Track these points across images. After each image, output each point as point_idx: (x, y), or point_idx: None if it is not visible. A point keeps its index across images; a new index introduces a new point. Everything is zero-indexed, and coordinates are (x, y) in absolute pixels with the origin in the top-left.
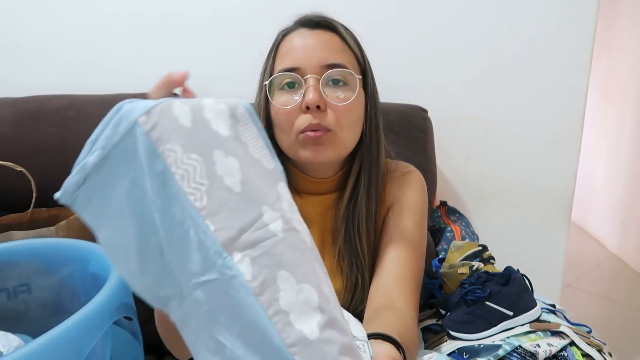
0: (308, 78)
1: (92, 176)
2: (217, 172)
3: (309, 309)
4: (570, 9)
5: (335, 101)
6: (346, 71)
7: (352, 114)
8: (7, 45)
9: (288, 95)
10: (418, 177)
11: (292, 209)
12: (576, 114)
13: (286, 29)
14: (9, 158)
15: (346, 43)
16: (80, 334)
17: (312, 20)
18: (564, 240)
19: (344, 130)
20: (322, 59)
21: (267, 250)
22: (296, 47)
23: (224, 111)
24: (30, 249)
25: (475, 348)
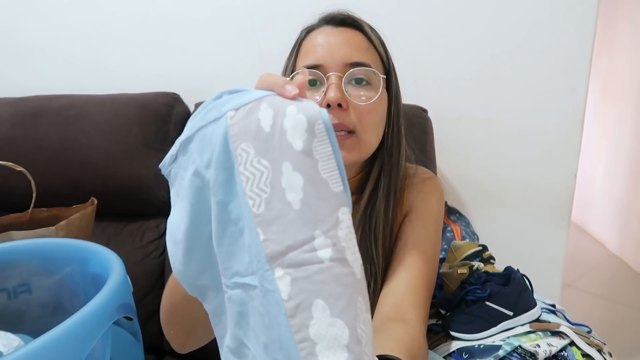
0: (330, 76)
1: (179, 155)
2: (282, 184)
3: (336, 345)
4: (570, 9)
5: (357, 100)
6: (370, 70)
7: (375, 114)
8: (7, 45)
9: (309, 93)
10: (437, 185)
11: (349, 237)
12: (576, 114)
13: (310, 26)
14: (9, 158)
15: (371, 42)
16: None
17: (337, 17)
18: (564, 240)
19: (367, 131)
20: (345, 57)
21: (310, 275)
22: (319, 44)
23: (303, 123)
24: (30, 249)
25: (475, 348)
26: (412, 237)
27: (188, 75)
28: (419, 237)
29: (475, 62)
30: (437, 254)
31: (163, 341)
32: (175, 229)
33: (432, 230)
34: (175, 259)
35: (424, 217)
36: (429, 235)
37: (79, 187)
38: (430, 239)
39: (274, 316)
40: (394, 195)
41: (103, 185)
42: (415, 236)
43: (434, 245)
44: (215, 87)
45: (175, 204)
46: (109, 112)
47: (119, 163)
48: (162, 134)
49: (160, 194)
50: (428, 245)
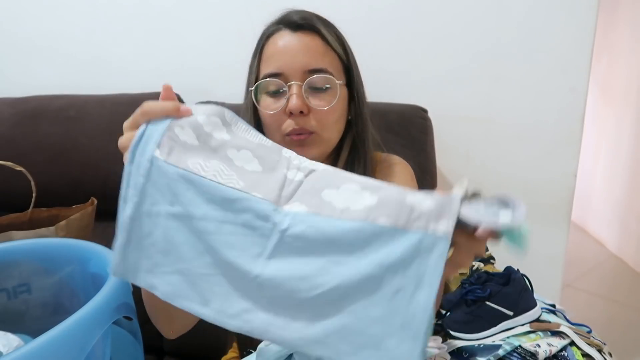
0: (291, 85)
1: (134, 229)
2: (237, 164)
3: (354, 194)
4: (570, 9)
5: (317, 105)
6: (327, 77)
7: (334, 115)
8: (7, 45)
9: (273, 100)
10: (406, 167)
11: (301, 160)
12: (576, 114)
13: (269, 30)
14: (9, 158)
15: (328, 44)
16: (80, 333)
17: (295, 22)
18: (564, 240)
19: (327, 130)
20: (304, 65)
21: (305, 191)
22: (279, 52)
23: (217, 121)
24: (30, 249)
25: (475, 348)
26: None
27: (188, 75)
28: None
29: (475, 62)
30: None
31: (163, 341)
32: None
33: None
34: (196, 309)
35: None
36: None
37: (79, 187)
38: None
39: (317, 226)
40: (362, 173)
41: (103, 185)
42: None
43: None
44: (215, 87)
45: (155, 279)
46: (109, 112)
47: (119, 163)
48: None
49: None
50: None
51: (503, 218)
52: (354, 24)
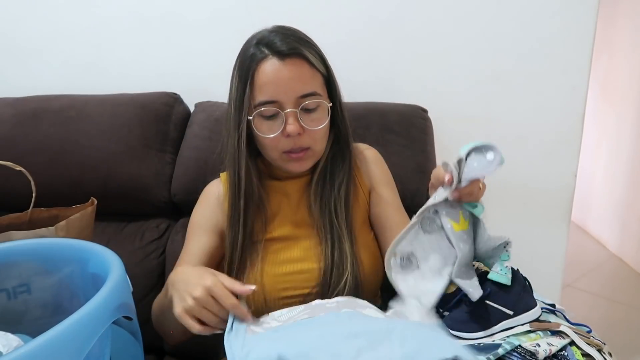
0: (288, 112)
1: None
2: None
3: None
4: (570, 9)
5: (310, 125)
6: (318, 101)
7: (325, 130)
8: (7, 46)
9: (269, 124)
10: (375, 153)
11: None
12: (576, 114)
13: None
14: (9, 158)
15: (314, 67)
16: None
17: (282, 51)
18: (564, 240)
19: (319, 144)
20: (297, 92)
21: None
22: (271, 82)
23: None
24: (30, 249)
25: (475, 347)
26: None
27: (188, 75)
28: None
29: (475, 62)
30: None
31: (163, 341)
32: None
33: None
34: None
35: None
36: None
37: (79, 187)
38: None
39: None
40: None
41: (103, 186)
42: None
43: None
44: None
45: None
46: (109, 112)
47: (119, 163)
48: (162, 134)
49: (160, 194)
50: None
51: (493, 160)
52: (354, 24)
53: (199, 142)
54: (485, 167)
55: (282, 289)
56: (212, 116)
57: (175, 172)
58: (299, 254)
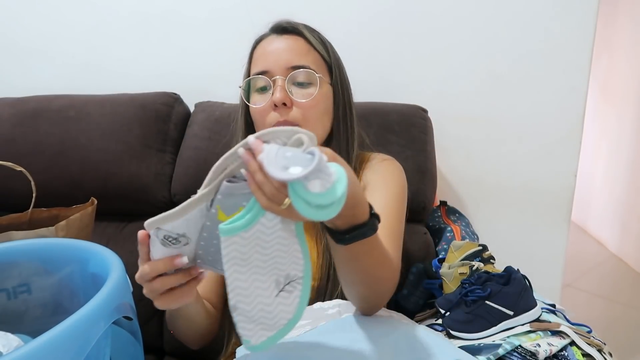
0: (276, 79)
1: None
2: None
3: None
4: (570, 8)
5: (299, 98)
6: (309, 71)
7: (317, 109)
8: (7, 45)
9: (261, 96)
10: (394, 163)
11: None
12: (576, 114)
13: (260, 36)
14: (9, 158)
15: (311, 44)
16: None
17: (280, 26)
18: (564, 240)
19: (310, 124)
20: (287, 62)
21: None
22: (265, 53)
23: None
24: (30, 249)
25: (476, 347)
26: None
27: (188, 75)
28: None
29: (475, 62)
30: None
31: (163, 341)
32: None
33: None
34: None
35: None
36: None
37: (79, 187)
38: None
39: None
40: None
41: (103, 186)
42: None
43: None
44: (215, 87)
45: None
46: (109, 112)
47: (119, 163)
48: (162, 134)
49: (160, 194)
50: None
51: (293, 170)
52: (354, 24)
53: (199, 142)
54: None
55: None
56: (212, 116)
57: (175, 172)
58: None
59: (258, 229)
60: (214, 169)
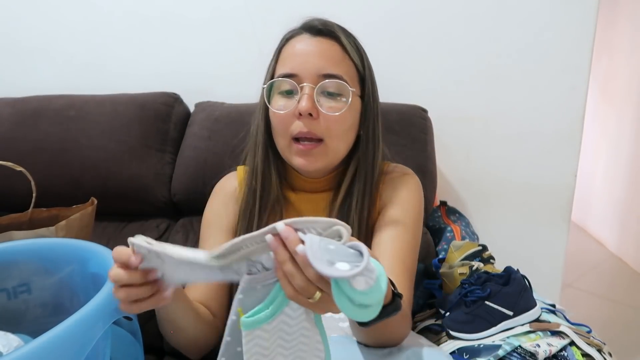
0: (304, 86)
1: None
2: None
3: None
4: (570, 9)
5: (327, 111)
6: (341, 83)
7: (344, 123)
8: (7, 45)
9: (285, 100)
10: (414, 180)
11: None
12: (576, 114)
13: (290, 32)
14: (9, 158)
15: (346, 52)
16: (80, 333)
17: (315, 27)
18: (564, 240)
19: (335, 139)
20: (319, 68)
21: None
22: (296, 53)
23: None
24: (30, 249)
25: (476, 348)
26: (387, 226)
27: (188, 75)
28: (394, 224)
29: (475, 62)
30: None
31: (163, 341)
32: None
33: (408, 217)
34: None
35: (401, 206)
36: (405, 221)
37: (79, 187)
38: (405, 223)
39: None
40: (369, 194)
41: (103, 185)
42: (390, 224)
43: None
44: (215, 87)
45: None
46: (109, 112)
47: (119, 163)
48: (162, 134)
49: (160, 194)
50: (403, 229)
51: (340, 266)
52: (354, 24)
53: (199, 142)
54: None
55: None
56: (212, 116)
57: (175, 172)
58: None
59: (282, 319)
60: (229, 245)
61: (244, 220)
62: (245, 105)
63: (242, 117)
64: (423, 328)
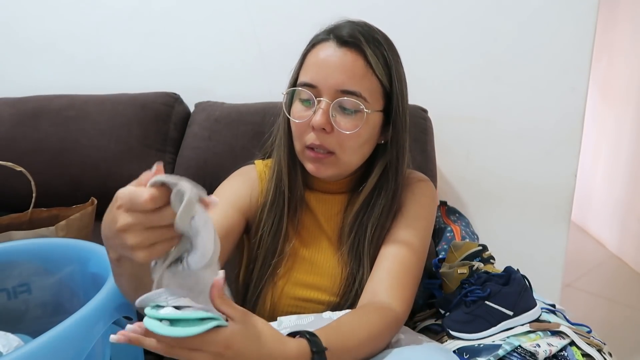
0: (321, 100)
1: None
2: None
3: None
4: (570, 9)
5: (341, 128)
6: (358, 102)
7: (358, 139)
8: (7, 45)
9: (302, 109)
10: (430, 187)
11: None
12: (576, 114)
13: (318, 38)
14: (9, 158)
15: (370, 67)
16: (79, 333)
17: (342, 36)
18: (564, 240)
19: (347, 153)
20: (338, 83)
21: None
22: (319, 64)
23: None
24: (30, 249)
25: (476, 348)
26: (399, 230)
27: (188, 75)
28: (406, 230)
29: (476, 62)
30: (424, 246)
31: None
32: None
33: (420, 225)
34: None
35: (413, 214)
36: (417, 229)
37: (79, 187)
38: (417, 231)
39: None
40: (388, 207)
41: (103, 185)
42: (402, 229)
43: (421, 238)
44: (215, 87)
45: None
46: (109, 112)
47: (119, 163)
48: (162, 134)
49: None
50: (414, 237)
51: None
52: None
53: (199, 142)
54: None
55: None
56: (212, 116)
57: (175, 172)
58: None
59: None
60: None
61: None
62: (245, 105)
63: (242, 117)
64: (423, 328)
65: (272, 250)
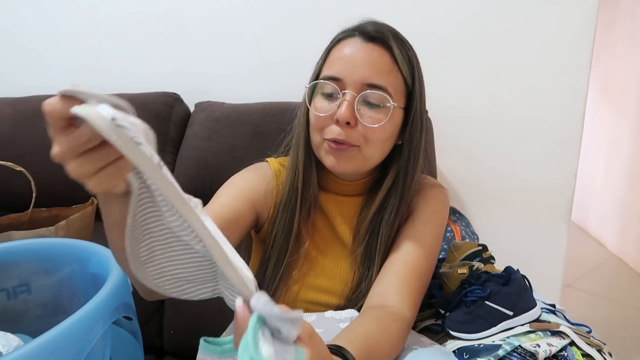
0: (346, 93)
1: None
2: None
3: None
4: (570, 9)
5: (366, 121)
6: (383, 96)
7: (382, 134)
8: (7, 45)
9: (325, 102)
10: (443, 193)
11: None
12: (576, 114)
13: (343, 33)
14: (9, 158)
15: (396, 63)
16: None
17: (368, 32)
18: (564, 240)
19: (370, 147)
20: (364, 77)
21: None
22: (344, 58)
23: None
24: (30, 249)
25: (475, 348)
26: (409, 234)
27: (188, 75)
28: (416, 234)
29: (476, 63)
30: (434, 251)
31: (163, 341)
32: None
33: (431, 230)
34: None
35: (424, 218)
36: (427, 233)
37: (79, 187)
38: (428, 236)
39: None
40: (403, 209)
41: None
42: (413, 233)
43: (431, 242)
44: (215, 87)
45: None
46: None
47: None
48: (162, 134)
49: None
50: (425, 241)
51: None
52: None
53: (199, 142)
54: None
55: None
56: (212, 116)
57: (175, 172)
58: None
59: None
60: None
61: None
62: (246, 105)
63: (242, 117)
64: (423, 328)
65: (285, 250)
